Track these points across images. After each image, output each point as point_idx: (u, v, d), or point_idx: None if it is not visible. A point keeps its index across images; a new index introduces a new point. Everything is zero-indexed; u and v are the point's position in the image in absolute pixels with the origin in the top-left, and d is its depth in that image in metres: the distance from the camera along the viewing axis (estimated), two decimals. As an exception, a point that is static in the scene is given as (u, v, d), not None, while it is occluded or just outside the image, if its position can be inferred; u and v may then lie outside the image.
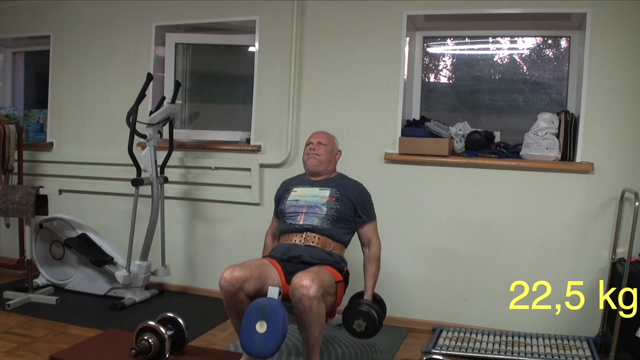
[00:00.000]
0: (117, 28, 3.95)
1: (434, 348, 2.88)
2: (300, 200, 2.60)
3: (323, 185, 2.64)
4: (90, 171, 4.01)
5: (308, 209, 2.55)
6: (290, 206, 2.60)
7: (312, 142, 2.72)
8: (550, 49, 3.43)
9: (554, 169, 3.03)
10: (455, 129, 3.31)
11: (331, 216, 2.53)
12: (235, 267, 2.26)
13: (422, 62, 3.54)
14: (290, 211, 2.59)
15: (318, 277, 2.20)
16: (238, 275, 2.22)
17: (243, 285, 2.23)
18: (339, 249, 2.54)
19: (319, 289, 2.15)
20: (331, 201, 2.56)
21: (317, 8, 3.46)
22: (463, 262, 3.21)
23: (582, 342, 2.92)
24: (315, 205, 2.56)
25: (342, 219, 2.55)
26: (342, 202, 2.56)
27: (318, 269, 2.32)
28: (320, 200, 2.57)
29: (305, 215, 2.53)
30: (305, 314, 2.17)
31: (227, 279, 2.22)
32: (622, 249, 2.93)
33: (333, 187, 2.62)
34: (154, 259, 3.62)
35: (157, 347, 2.52)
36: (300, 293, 2.12)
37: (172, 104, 3.46)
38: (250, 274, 2.26)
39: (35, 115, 4.40)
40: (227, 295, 2.24)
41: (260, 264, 2.40)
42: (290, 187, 2.71)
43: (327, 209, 2.54)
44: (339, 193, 2.59)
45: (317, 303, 2.14)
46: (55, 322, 3.10)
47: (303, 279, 2.15)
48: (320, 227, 2.50)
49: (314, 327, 2.23)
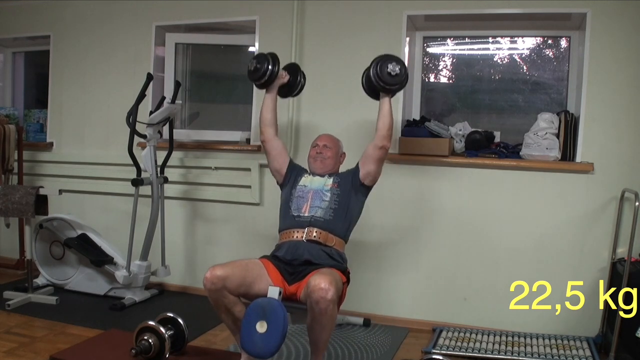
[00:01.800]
0: (117, 28, 3.95)
1: (434, 348, 2.88)
2: (308, 187, 2.64)
3: (328, 175, 2.70)
4: (90, 171, 4.01)
5: (314, 194, 2.59)
6: (300, 190, 2.64)
7: (318, 144, 2.75)
8: (550, 49, 3.43)
9: (554, 169, 3.03)
10: (455, 129, 3.31)
11: (333, 203, 2.56)
12: (217, 266, 2.28)
13: (422, 62, 3.55)
14: (298, 195, 2.62)
15: (335, 280, 2.21)
16: (219, 274, 2.25)
17: (225, 284, 2.25)
18: (339, 244, 2.55)
19: (336, 293, 2.16)
20: (334, 187, 2.61)
21: (317, 8, 3.46)
22: (463, 262, 3.21)
23: (582, 342, 2.92)
24: (320, 190, 2.60)
25: (344, 205, 2.57)
26: (342, 186, 2.61)
27: (331, 271, 2.33)
28: (325, 187, 2.62)
29: (311, 202, 2.57)
30: (320, 316, 2.17)
31: (209, 278, 2.25)
32: (622, 249, 2.93)
33: (336, 176, 2.69)
34: (154, 259, 3.63)
35: (157, 347, 2.52)
36: (318, 296, 2.12)
37: (172, 104, 3.46)
38: (232, 272, 2.28)
39: (35, 115, 4.40)
40: (210, 293, 2.28)
41: (247, 263, 2.41)
42: (302, 171, 2.76)
43: (330, 195, 2.58)
44: (339, 178, 2.66)
45: (332, 306, 2.15)
46: (55, 322, 3.10)
47: (321, 282, 2.14)
48: (322, 219, 2.52)
49: (326, 330, 2.24)
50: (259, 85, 2.80)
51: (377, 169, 2.63)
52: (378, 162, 2.62)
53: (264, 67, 2.70)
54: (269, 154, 2.78)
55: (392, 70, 2.56)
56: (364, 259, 3.32)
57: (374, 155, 2.61)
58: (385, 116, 2.60)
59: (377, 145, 2.60)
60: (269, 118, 2.76)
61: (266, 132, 2.76)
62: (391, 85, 2.59)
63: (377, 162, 2.62)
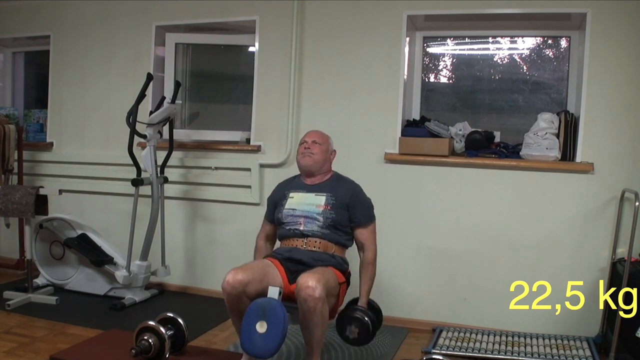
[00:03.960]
0: (117, 28, 3.95)
1: (434, 348, 2.88)
2: (297, 210, 2.55)
3: (318, 190, 2.59)
4: (90, 171, 4.01)
5: (305, 220, 2.52)
6: (288, 216, 2.56)
7: (306, 140, 2.65)
8: (550, 49, 3.43)
9: (554, 169, 3.03)
10: (455, 129, 3.31)
11: (329, 224, 2.51)
12: (238, 270, 2.25)
13: (422, 62, 3.54)
14: (288, 221, 2.56)
15: (324, 278, 2.20)
16: (241, 278, 2.21)
17: (246, 289, 2.22)
18: (340, 251, 2.54)
19: (324, 290, 2.15)
20: (327, 210, 2.51)
21: (317, 8, 3.46)
22: (463, 262, 3.21)
23: (582, 342, 2.92)
24: (311, 216, 2.52)
25: (340, 225, 2.53)
26: (337, 210, 2.52)
27: (323, 270, 2.32)
28: (316, 209, 2.52)
29: (304, 225, 2.52)
30: (309, 315, 2.17)
31: (230, 282, 2.21)
32: (622, 249, 2.93)
33: (328, 192, 2.57)
34: (154, 259, 3.62)
35: (157, 347, 2.51)
36: (305, 294, 2.12)
37: (172, 104, 3.46)
38: (253, 276, 2.25)
39: (35, 115, 4.40)
40: (230, 297, 2.24)
41: (263, 265, 2.39)
42: (286, 191, 2.65)
43: (323, 219, 2.50)
44: (333, 199, 2.55)
45: (321, 304, 2.15)
46: (55, 322, 3.10)
47: (309, 280, 2.14)
48: (320, 233, 2.50)
49: (317, 328, 2.23)
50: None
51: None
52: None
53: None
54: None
55: (351, 333, 2.41)
56: (364, 259, 3.32)
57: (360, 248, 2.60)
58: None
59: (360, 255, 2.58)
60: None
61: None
62: (353, 345, 2.49)
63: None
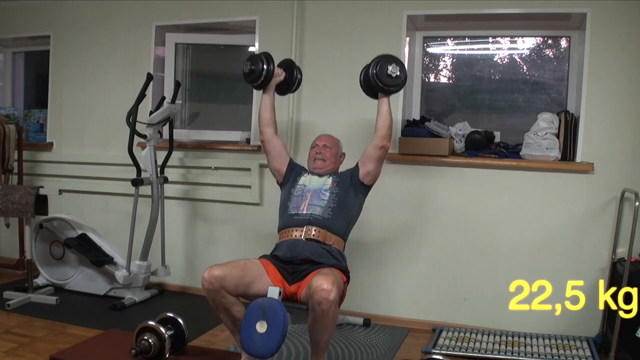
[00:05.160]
0: (117, 28, 3.95)
1: (434, 348, 2.88)
2: (307, 186, 2.65)
3: (327, 175, 2.70)
4: (90, 171, 4.01)
5: (313, 193, 2.59)
6: (299, 190, 2.64)
7: (317, 144, 2.75)
8: (550, 49, 3.43)
9: (554, 169, 3.03)
10: (455, 129, 3.31)
11: (332, 202, 2.55)
12: (215, 266, 2.29)
13: (422, 62, 3.54)
14: (297, 194, 2.62)
15: (337, 281, 2.20)
16: (217, 274, 2.25)
17: (222, 284, 2.25)
18: (338, 243, 2.54)
19: (338, 294, 2.16)
20: (333, 187, 2.61)
21: (317, 8, 3.46)
22: (463, 262, 3.21)
23: (582, 342, 2.92)
24: (319, 189, 2.60)
25: (343, 204, 2.57)
26: (342, 187, 2.61)
27: (332, 271, 2.32)
28: (324, 186, 2.62)
29: (310, 200, 2.57)
30: (322, 317, 2.17)
31: (207, 278, 2.25)
32: (622, 249, 2.93)
33: (336, 175, 2.70)
34: (154, 259, 3.62)
35: (157, 347, 2.52)
36: (320, 297, 2.12)
37: (172, 104, 3.46)
38: (230, 272, 2.28)
39: (35, 115, 4.40)
40: (209, 294, 2.28)
41: (245, 263, 2.40)
42: (303, 171, 2.76)
43: (329, 194, 2.58)
44: (338, 177, 2.66)
45: (334, 307, 2.15)
46: (55, 322, 3.10)
47: (324, 283, 2.14)
48: (321, 217, 2.51)
49: (327, 331, 2.25)
50: (256, 86, 2.79)
51: (376, 168, 2.64)
52: (378, 162, 2.63)
53: (259, 67, 2.69)
54: (268, 154, 2.78)
55: (393, 72, 2.55)
56: (364, 258, 3.32)
57: (373, 154, 2.61)
58: (385, 116, 2.61)
59: (376, 145, 2.60)
60: (268, 118, 2.76)
61: (265, 132, 2.76)
62: (389, 86, 2.59)
63: (376, 161, 2.62)
